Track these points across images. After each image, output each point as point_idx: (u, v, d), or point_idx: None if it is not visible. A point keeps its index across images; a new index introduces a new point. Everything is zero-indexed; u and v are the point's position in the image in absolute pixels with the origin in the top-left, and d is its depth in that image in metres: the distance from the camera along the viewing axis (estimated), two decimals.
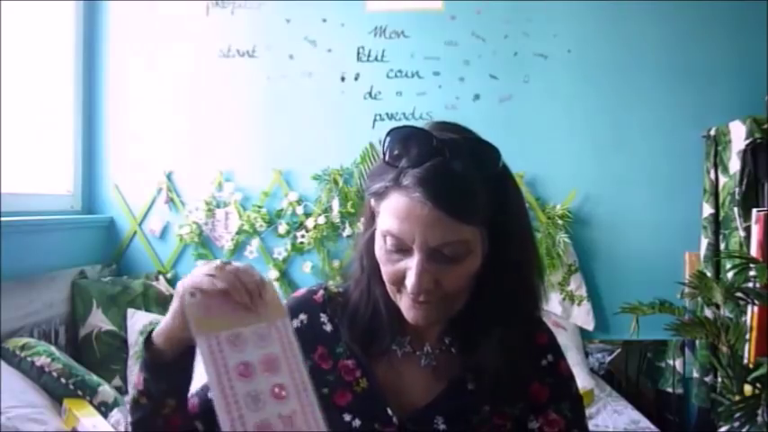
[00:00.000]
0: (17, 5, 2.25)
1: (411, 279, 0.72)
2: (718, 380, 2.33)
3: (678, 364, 2.71)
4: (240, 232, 2.68)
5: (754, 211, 2.23)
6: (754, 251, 2.17)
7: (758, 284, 1.92)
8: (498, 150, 0.75)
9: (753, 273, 1.94)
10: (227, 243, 2.68)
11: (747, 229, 2.26)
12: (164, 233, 2.73)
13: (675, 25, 2.69)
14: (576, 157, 2.70)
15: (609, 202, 2.70)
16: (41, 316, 2.19)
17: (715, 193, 2.49)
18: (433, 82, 2.73)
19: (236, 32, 2.75)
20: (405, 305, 0.77)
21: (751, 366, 1.94)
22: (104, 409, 1.90)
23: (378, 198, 0.76)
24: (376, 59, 2.75)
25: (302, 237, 2.66)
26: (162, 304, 2.52)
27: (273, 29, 2.75)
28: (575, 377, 0.87)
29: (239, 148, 2.74)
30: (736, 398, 1.87)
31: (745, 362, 2.02)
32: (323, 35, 2.75)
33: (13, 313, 2.02)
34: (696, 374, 2.53)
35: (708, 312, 2.26)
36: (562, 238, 2.57)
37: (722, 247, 2.42)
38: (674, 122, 2.67)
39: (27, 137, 2.35)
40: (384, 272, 0.77)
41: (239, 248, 2.70)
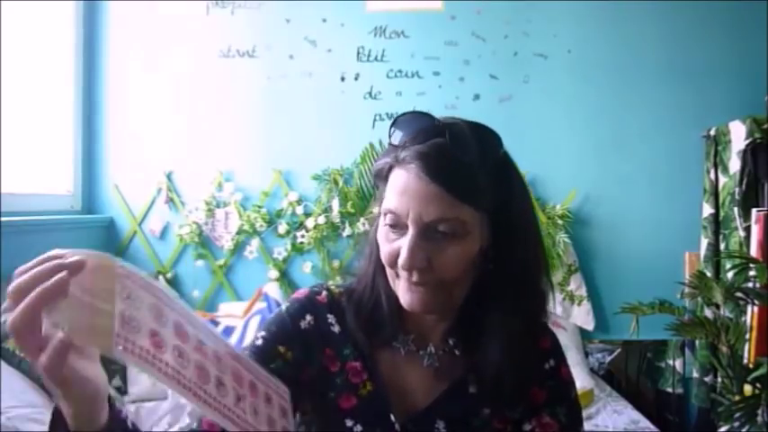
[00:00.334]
0: (17, 5, 2.25)
1: (403, 255, 0.71)
2: (718, 380, 2.33)
3: (678, 364, 2.71)
4: (240, 232, 2.68)
5: (754, 211, 2.23)
6: (754, 251, 2.17)
7: (758, 284, 1.92)
8: (499, 136, 0.75)
9: (753, 273, 1.94)
10: (227, 243, 2.68)
11: (747, 229, 2.26)
12: (164, 233, 2.73)
13: (675, 25, 2.69)
14: (576, 157, 2.70)
15: (609, 202, 2.70)
16: None
17: (715, 193, 2.49)
18: (432, 82, 2.73)
19: (236, 32, 2.75)
20: (401, 290, 0.76)
21: (751, 366, 1.94)
22: None
23: (382, 181, 0.77)
24: (376, 59, 2.75)
25: (302, 237, 2.66)
26: None
27: (273, 29, 2.75)
28: (575, 382, 0.87)
29: (239, 148, 2.74)
30: (736, 398, 1.87)
31: (745, 362, 2.02)
32: (323, 35, 2.75)
33: None
34: (696, 374, 2.53)
35: (708, 312, 2.27)
36: (562, 238, 2.57)
37: (722, 247, 2.42)
38: (674, 122, 2.67)
39: (27, 137, 2.35)
40: (382, 253, 0.76)
41: (239, 248, 2.70)
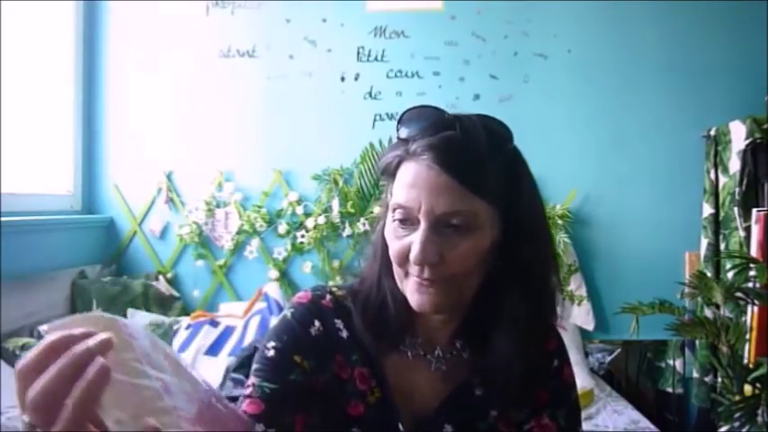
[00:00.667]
0: (17, 5, 2.25)
1: (415, 249, 0.69)
2: (718, 380, 2.33)
3: (678, 364, 2.71)
4: (240, 232, 2.68)
5: (754, 211, 2.23)
6: (754, 251, 2.17)
7: (758, 284, 1.92)
8: (510, 130, 0.75)
9: (753, 273, 1.94)
10: (227, 243, 2.68)
11: (747, 229, 2.26)
12: (164, 233, 2.73)
13: (675, 25, 2.69)
14: (576, 157, 2.70)
15: (609, 202, 2.69)
16: (41, 316, 2.19)
17: (715, 193, 2.48)
18: (432, 82, 2.73)
19: (236, 32, 2.75)
20: (410, 289, 0.73)
21: (751, 366, 1.93)
22: None
23: (390, 177, 0.75)
24: (376, 59, 2.75)
25: (302, 237, 2.66)
26: (162, 304, 2.52)
27: (273, 29, 2.75)
28: (576, 384, 0.86)
29: (239, 148, 2.74)
30: (736, 398, 1.87)
31: (745, 362, 2.02)
32: (323, 35, 2.75)
33: (13, 313, 2.02)
34: (696, 374, 2.53)
35: (708, 312, 2.26)
36: (562, 238, 2.57)
37: (722, 247, 2.42)
38: (674, 122, 2.67)
39: (27, 137, 2.35)
40: (391, 252, 0.74)
41: (239, 248, 2.70)
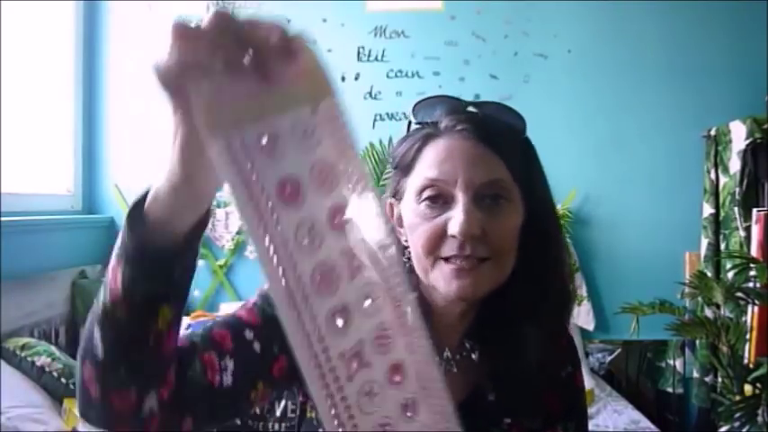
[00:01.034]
0: (17, 5, 2.24)
1: (458, 220, 0.65)
2: (719, 380, 2.33)
3: (678, 364, 2.71)
4: (240, 232, 2.68)
5: (754, 211, 2.23)
6: (754, 251, 2.17)
7: (758, 284, 1.92)
8: (524, 118, 0.75)
9: (753, 273, 1.94)
10: (227, 243, 2.68)
11: (747, 229, 2.26)
12: None
13: (675, 25, 2.69)
14: (576, 157, 2.70)
15: (609, 202, 2.69)
16: (41, 316, 2.19)
17: (715, 193, 2.49)
18: (433, 82, 2.73)
19: None
20: (446, 276, 0.68)
21: (751, 366, 1.94)
22: None
23: (406, 167, 0.73)
24: (376, 59, 2.75)
25: None
26: None
27: None
28: (585, 388, 0.85)
29: None
30: (737, 398, 1.87)
31: (745, 362, 2.02)
32: (323, 35, 2.74)
33: (13, 313, 2.02)
34: (696, 374, 2.53)
35: (708, 312, 2.26)
36: None
37: (722, 247, 2.42)
38: (674, 122, 2.67)
39: (27, 137, 2.35)
40: (418, 237, 0.69)
41: (239, 248, 2.70)
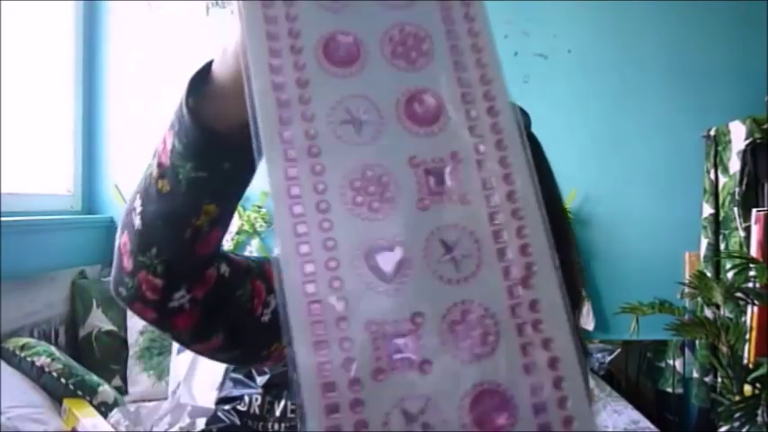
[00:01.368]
0: (17, 5, 2.25)
1: None
2: (718, 380, 2.33)
3: (678, 364, 2.71)
4: (240, 232, 2.68)
5: (754, 211, 2.23)
6: (754, 251, 2.17)
7: (758, 284, 1.92)
8: (528, 114, 0.75)
9: (753, 273, 1.94)
10: (227, 243, 2.68)
11: (747, 229, 2.26)
12: None
13: (675, 25, 2.69)
14: (576, 158, 2.70)
15: (609, 202, 2.69)
16: (41, 316, 2.19)
17: (715, 193, 2.49)
18: None
19: (235, 32, 2.74)
20: None
21: (751, 366, 1.94)
22: (104, 409, 1.90)
23: None
24: None
25: None
26: None
27: None
28: (590, 391, 0.85)
29: None
30: (736, 398, 1.87)
31: (745, 362, 2.02)
32: None
33: (13, 313, 2.02)
34: (696, 374, 2.53)
35: (708, 312, 2.26)
36: None
37: (722, 247, 2.42)
38: (673, 122, 2.67)
39: (27, 137, 2.35)
40: None
41: (239, 248, 2.70)
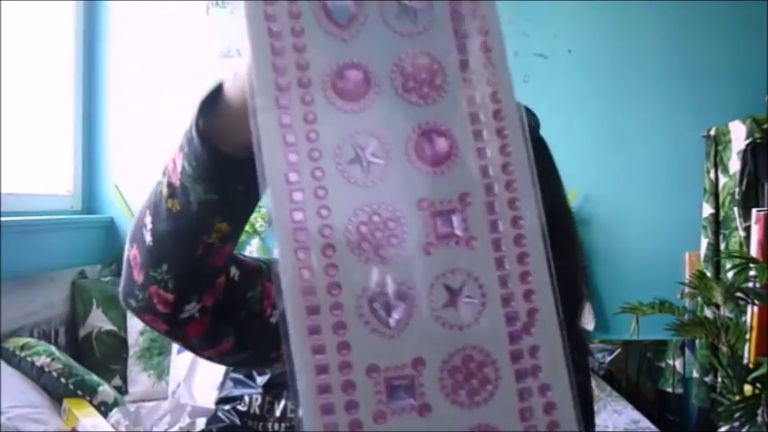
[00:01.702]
0: (17, 5, 2.25)
1: None
2: (718, 380, 2.33)
3: (678, 364, 2.71)
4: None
5: (754, 211, 2.23)
6: (754, 251, 2.17)
7: (758, 284, 1.92)
8: (536, 116, 0.74)
9: (753, 273, 1.94)
10: None
11: (747, 229, 2.26)
12: None
13: (675, 25, 2.69)
14: (576, 158, 2.69)
15: (609, 202, 2.69)
16: (41, 316, 2.19)
17: (715, 193, 2.49)
18: None
19: (236, 32, 2.75)
20: None
21: (751, 366, 1.94)
22: (104, 409, 1.90)
23: None
24: None
25: None
26: None
27: None
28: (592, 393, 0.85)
29: None
30: (736, 398, 1.87)
31: (745, 362, 2.02)
32: None
33: (13, 313, 2.02)
34: (696, 374, 2.53)
35: (708, 312, 2.26)
36: None
37: (722, 247, 2.42)
38: (673, 122, 2.67)
39: (27, 137, 2.35)
40: None
41: (239, 248, 2.69)
